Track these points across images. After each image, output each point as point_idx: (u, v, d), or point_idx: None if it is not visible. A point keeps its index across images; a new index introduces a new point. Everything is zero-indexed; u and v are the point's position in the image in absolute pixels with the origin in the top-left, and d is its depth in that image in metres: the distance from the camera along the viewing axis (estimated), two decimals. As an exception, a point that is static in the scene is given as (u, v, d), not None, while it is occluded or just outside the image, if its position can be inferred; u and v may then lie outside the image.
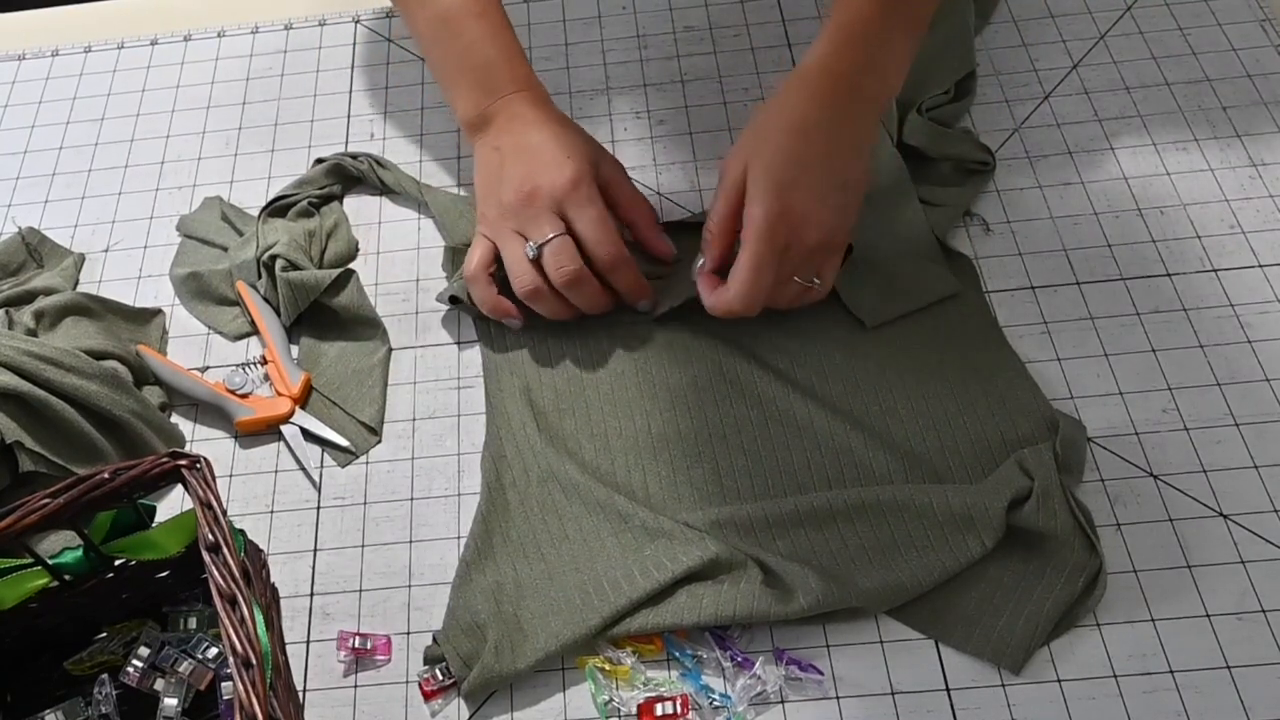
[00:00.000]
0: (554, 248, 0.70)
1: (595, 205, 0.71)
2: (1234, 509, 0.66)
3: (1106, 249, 0.77)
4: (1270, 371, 0.71)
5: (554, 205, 0.70)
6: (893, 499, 0.65)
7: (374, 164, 0.84)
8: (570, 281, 0.70)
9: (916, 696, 0.61)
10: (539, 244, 0.70)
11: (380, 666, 0.65)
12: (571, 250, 0.70)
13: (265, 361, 0.76)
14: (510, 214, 0.72)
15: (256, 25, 0.98)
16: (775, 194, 0.65)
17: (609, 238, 0.71)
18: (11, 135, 0.92)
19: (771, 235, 0.65)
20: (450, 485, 0.71)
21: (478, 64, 0.75)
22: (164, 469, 0.56)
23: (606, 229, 0.71)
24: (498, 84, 0.75)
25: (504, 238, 0.72)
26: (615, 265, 0.71)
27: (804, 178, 0.66)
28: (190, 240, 0.83)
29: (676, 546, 0.65)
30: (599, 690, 0.62)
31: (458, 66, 0.76)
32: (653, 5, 0.95)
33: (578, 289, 0.71)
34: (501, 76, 0.75)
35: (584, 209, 0.70)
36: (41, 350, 0.69)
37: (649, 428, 0.71)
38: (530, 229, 0.71)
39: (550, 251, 0.70)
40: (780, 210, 0.65)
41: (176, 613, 0.65)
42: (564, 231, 0.70)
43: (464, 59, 0.76)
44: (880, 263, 0.75)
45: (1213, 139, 0.82)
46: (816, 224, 0.67)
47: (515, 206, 0.71)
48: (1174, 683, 0.60)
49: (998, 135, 0.83)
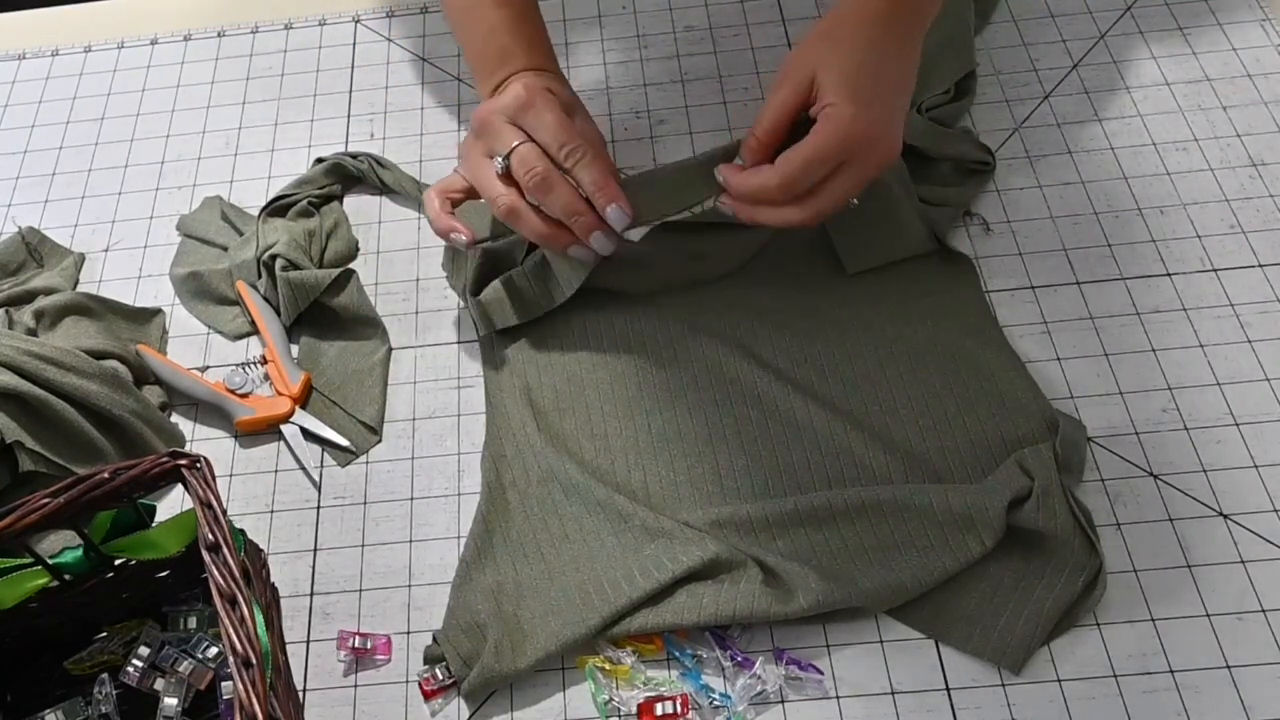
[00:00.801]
0: (519, 154, 0.68)
1: (552, 111, 0.69)
2: (1234, 509, 0.66)
3: (1106, 249, 0.77)
4: (1270, 371, 0.71)
5: (511, 118, 0.69)
6: (893, 499, 0.65)
7: (374, 164, 0.84)
8: (540, 184, 0.68)
9: (916, 696, 0.61)
10: (505, 155, 0.69)
11: (380, 666, 0.65)
12: (537, 153, 0.68)
13: (265, 361, 0.76)
14: (474, 140, 0.71)
15: (256, 25, 0.98)
16: (856, 101, 0.63)
17: (568, 134, 0.68)
18: (11, 135, 0.92)
19: (845, 137, 0.63)
20: (450, 485, 0.71)
21: (493, 52, 0.75)
22: (164, 469, 0.56)
23: (566, 128, 0.69)
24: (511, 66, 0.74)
25: (474, 164, 0.71)
26: (580, 158, 0.68)
27: (881, 93, 0.64)
28: (190, 240, 0.83)
29: (676, 546, 0.65)
30: (599, 690, 0.62)
31: (479, 52, 0.76)
32: (653, 5, 0.95)
33: (550, 193, 0.68)
34: (516, 60, 0.74)
35: (541, 115, 0.69)
36: (41, 350, 0.69)
37: (649, 428, 0.71)
38: (495, 145, 0.70)
39: (516, 159, 0.68)
40: (865, 116, 0.63)
41: (176, 613, 0.65)
42: (527, 139, 0.69)
43: (485, 45, 0.75)
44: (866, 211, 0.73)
45: (1213, 139, 0.82)
46: (887, 145, 0.65)
47: (477, 130, 0.70)
48: (1174, 683, 0.60)
49: (998, 135, 0.83)
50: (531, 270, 0.74)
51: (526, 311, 0.75)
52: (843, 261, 0.76)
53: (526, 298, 0.75)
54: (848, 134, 0.63)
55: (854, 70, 0.64)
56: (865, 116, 0.63)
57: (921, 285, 0.76)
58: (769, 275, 0.77)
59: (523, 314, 0.75)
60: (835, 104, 0.63)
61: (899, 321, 0.74)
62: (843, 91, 0.63)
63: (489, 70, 0.75)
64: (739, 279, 0.77)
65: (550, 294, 0.75)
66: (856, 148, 0.64)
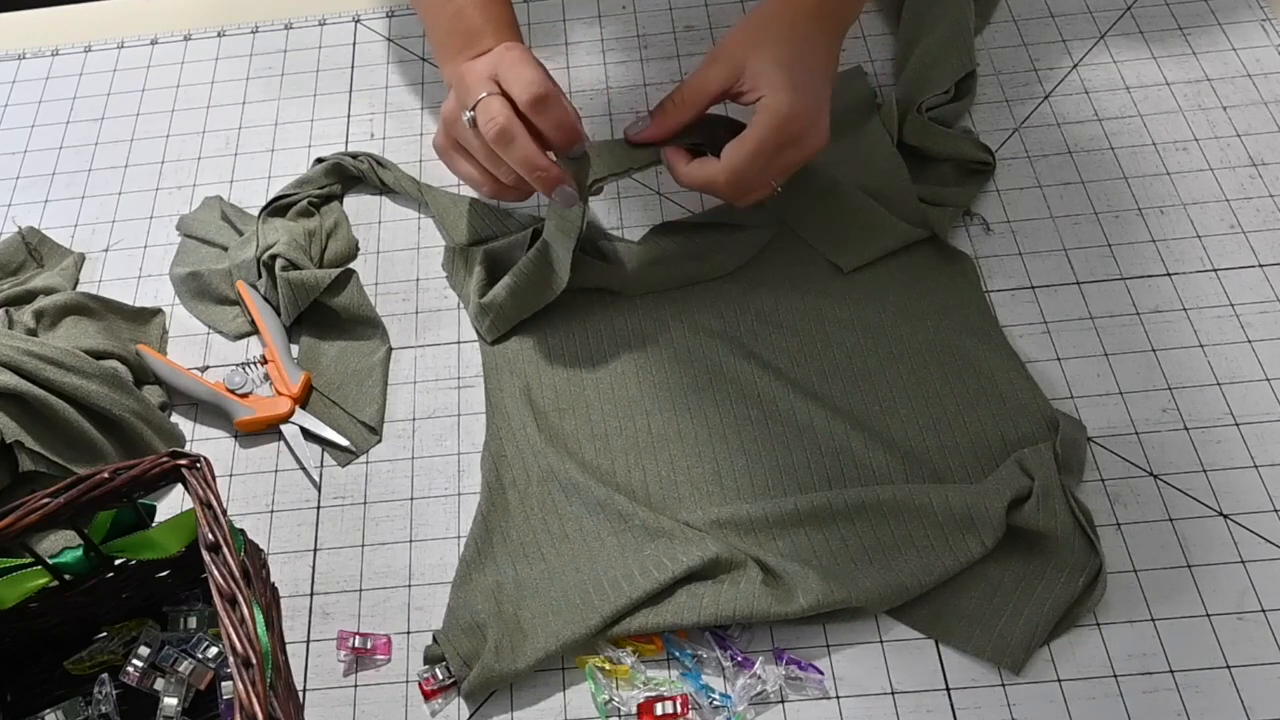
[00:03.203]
0: (484, 104, 0.67)
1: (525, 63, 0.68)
2: (1234, 509, 0.66)
3: (1106, 249, 0.77)
4: (1270, 371, 0.71)
5: (486, 72, 0.68)
6: (893, 499, 0.65)
7: (374, 164, 0.84)
8: (499, 135, 0.67)
9: (916, 696, 0.61)
10: (472, 107, 0.68)
11: (380, 666, 0.65)
12: (500, 104, 0.67)
13: (265, 361, 0.76)
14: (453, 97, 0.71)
15: (256, 25, 0.98)
16: (792, 91, 0.66)
17: (533, 76, 0.67)
18: (11, 135, 0.92)
19: (782, 128, 0.67)
20: (450, 485, 0.71)
21: (459, 30, 0.73)
22: (164, 469, 0.56)
23: (532, 69, 0.68)
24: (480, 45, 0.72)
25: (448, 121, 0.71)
26: (540, 101, 0.67)
27: (810, 82, 0.67)
28: (190, 240, 0.83)
29: (676, 546, 0.65)
30: (599, 690, 0.62)
31: (447, 32, 0.74)
32: (653, 5, 0.95)
33: (509, 146, 0.68)
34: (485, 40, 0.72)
35: (512, 67, 0.68)
36: (41, 350, 0.69)
37: (649, 428, 0.71)
38: (465, 98, 0.69)
39: (481, 108, 0.68)
40: (798, 110, 0.66)
41: (176, 612, 0.65)
42: (496, 92, 0.68)
43: (453, 24, 0.73)
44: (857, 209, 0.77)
45: (1213, 139, 0.82)
46: (818, 132, 0.69)
47: (456, 87, 0.70)
48: (1174, 683, 0.60)
49: (998, 135, 0.83)
50: (529, 264, 0.74)
51: (529, 304, 0.75)
52: (837, 261, 0.77)
53: (526, 291, 0.75)
54: (784, 123, 0.67)
55: (787, 60, 0.67)
56: (799, 105, 0.67)
57: (922, 285, 0.76)
58: (769, 276, 0.77)
59: (525, 307, 0.75)
60: (769, 95, 0.67)
61: (899, 321, 0.74)
62: (776, 81, 0.67)
63: (455, 49, 0.73)
64: (739, 279, 0.77)
65: (550, 283, 0.74)
66: (792, 137, 0.67)
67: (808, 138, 0.69)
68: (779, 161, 0.69)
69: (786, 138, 0.67)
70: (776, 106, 0.66)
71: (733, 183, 0.69)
